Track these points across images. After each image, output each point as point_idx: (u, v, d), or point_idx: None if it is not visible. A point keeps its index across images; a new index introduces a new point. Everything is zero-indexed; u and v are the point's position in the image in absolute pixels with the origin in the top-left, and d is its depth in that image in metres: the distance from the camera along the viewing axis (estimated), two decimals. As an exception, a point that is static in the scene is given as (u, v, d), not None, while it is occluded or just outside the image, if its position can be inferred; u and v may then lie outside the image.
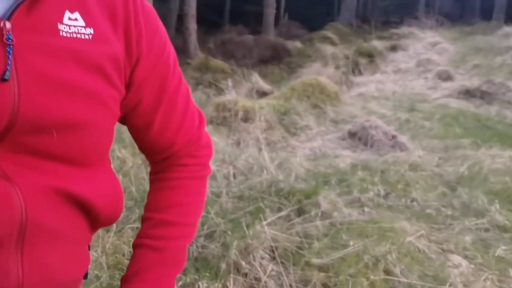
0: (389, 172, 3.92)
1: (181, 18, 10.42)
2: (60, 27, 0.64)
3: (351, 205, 3.27)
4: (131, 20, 0.73)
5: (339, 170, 3.90)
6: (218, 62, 8.97)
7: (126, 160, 3.52)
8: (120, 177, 3.05)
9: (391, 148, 4.77)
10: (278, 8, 14.04)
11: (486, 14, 24.69)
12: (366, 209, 3.22)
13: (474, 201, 3.40)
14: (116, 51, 0.70)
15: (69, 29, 0.65)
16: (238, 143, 4.53)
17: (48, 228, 0.67)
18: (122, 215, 0.88)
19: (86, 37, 0.67)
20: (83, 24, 0.67)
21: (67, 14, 0.66)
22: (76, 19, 0.66)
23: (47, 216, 0.67)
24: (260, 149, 4.20)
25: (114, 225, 2.53)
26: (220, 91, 7.86)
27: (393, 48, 12.81)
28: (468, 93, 7.80)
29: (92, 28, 0.67)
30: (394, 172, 3.92)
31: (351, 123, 5.65)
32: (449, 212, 3.29)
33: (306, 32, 16.04)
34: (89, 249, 0.81)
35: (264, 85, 7.07)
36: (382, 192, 3.48)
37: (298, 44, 13.40)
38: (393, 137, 4.93)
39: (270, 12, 11.99)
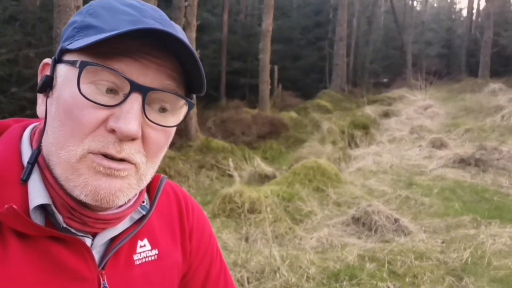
0: (396, 263, 4.06)
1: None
2: (135, 257, 0.79)
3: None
4: (184, 225, 0.90)
5: (348, 264, 4.04)
6: (218, 142, 9.24)
7: None
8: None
9: (394, 232, 4.93)
10: (271, 79, 14.52)
11: (472, 70, 25.64)
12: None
13: (481, 293, 3.54)
14: (176, 259, 0.86)
15: (140, 255, 0.80)
16: (246, 238, 4.68)
17: None
18: None
19: (152, 258, 0.81)
20: (150, 247, 0.82)
21: (139, 243, 0.81)
22: (145, 245, 0.81)
23: None
24: (269, 245, 4.35)
25: None
26: (222, 173, 8.08)
27: (386, 115, 13.22)
28: (463, 162, 8.05)
29: (156, 249, 0.82)
30: (401, 262, 4.06)
31: (353, 204, 5.84)
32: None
33: (301, 101, 16.53)
34: None
35: (266, 168, 7.30)
36: (392, 288, 3.62)
37: (293, 114, 13.82)
38: (396, 220, 5.10)
39: (265, 87, 12.44)
